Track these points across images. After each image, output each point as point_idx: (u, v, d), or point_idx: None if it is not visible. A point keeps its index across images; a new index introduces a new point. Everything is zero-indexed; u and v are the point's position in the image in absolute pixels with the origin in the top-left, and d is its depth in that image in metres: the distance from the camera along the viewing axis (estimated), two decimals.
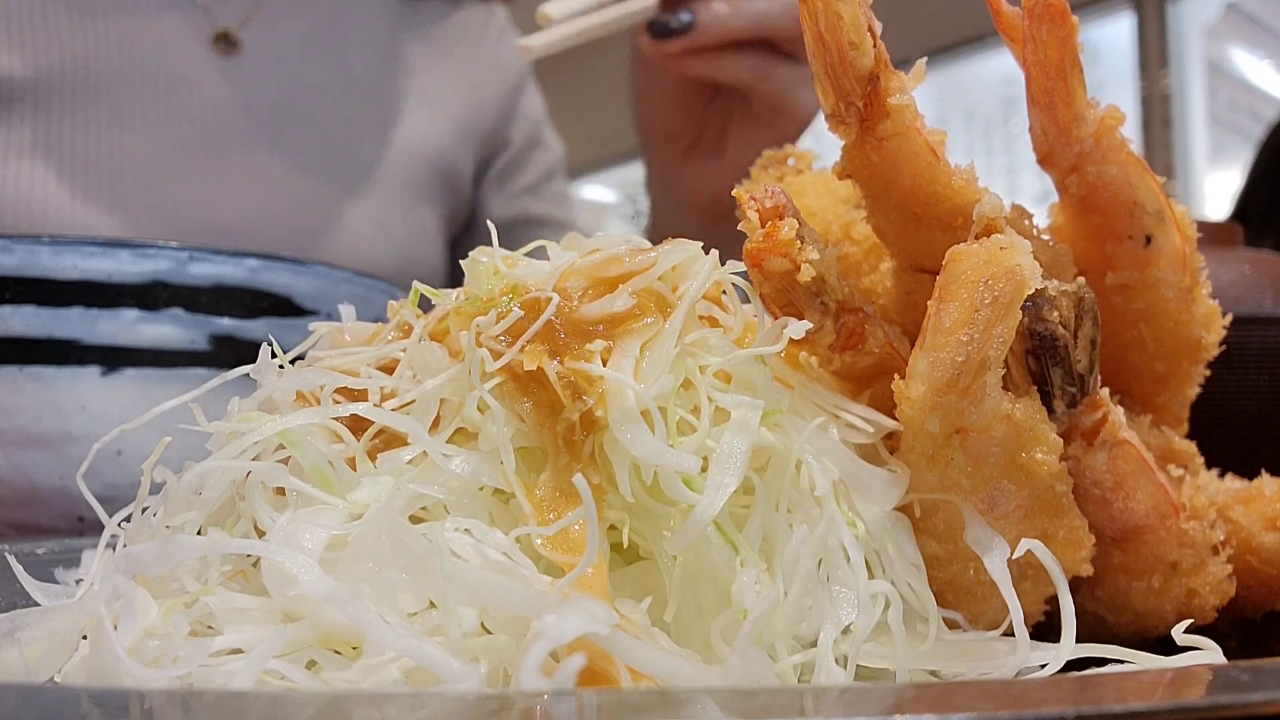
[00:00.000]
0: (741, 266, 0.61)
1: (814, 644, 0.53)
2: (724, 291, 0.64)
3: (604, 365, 0.56)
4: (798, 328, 0.58)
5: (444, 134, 1.80)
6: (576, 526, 0.51)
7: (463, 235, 1.93)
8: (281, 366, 0.62)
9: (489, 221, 0.70)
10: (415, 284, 0.65)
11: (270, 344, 0.63)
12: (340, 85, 1.69)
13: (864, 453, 0.60)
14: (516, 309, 0.58)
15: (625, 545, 0.55)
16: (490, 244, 0.65)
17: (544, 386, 0.56)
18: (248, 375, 0.63)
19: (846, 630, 0.54)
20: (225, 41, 1.58)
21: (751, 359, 0.58)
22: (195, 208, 1.52)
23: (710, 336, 0.59)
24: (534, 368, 0.55)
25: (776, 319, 0.60)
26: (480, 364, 0.56)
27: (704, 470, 0.54)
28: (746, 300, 0.63)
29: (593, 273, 0.60)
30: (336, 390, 0.60)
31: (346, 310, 0.73)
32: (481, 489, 0.55)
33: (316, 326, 0.68)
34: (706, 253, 0.61)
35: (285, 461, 0.57)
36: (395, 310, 0.66)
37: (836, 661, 0.53)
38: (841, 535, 0.55)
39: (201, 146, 1.54)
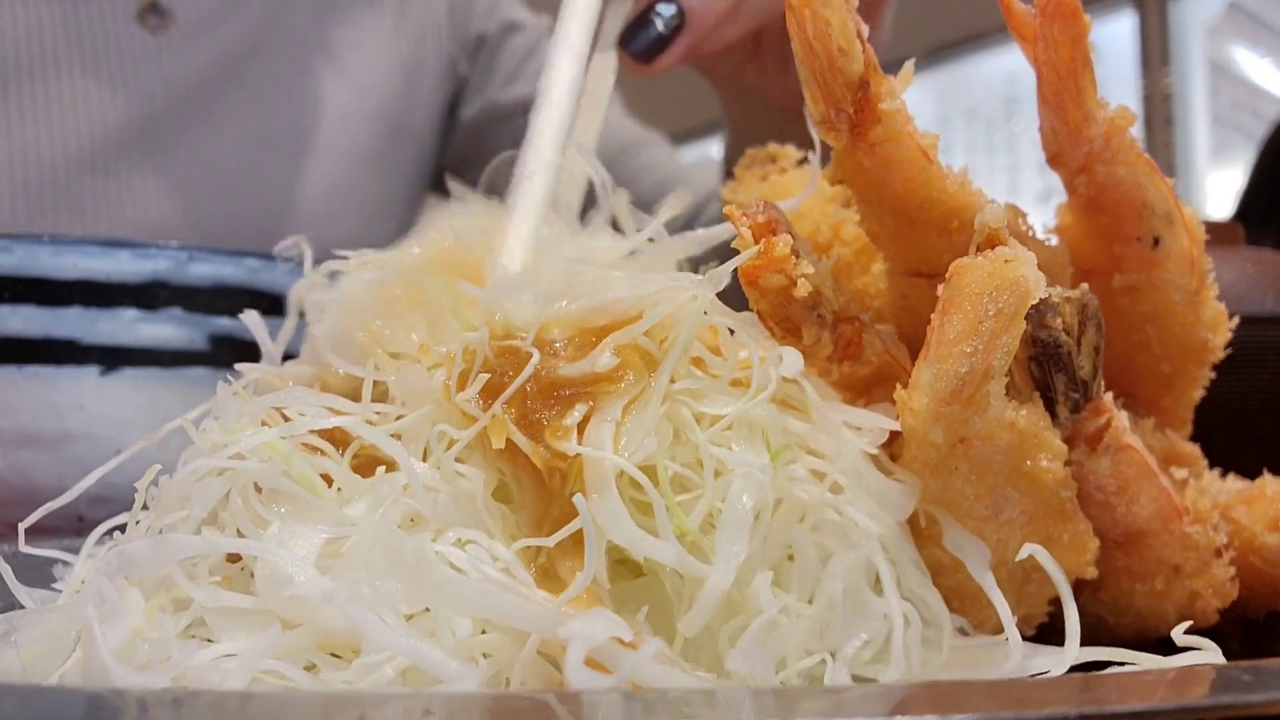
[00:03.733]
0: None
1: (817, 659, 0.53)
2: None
3: (582, 432, 0.52)
4: (792, 362, 0.56)
5: (390, 85, 1.68)
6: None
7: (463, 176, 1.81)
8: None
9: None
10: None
11: (229, 380, 0.61)
12: (272, 44, 1.56)
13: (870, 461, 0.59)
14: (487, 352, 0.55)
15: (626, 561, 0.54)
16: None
17: (518, 453, 0.53)
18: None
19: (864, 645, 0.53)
20: (154, 13, 1.45)
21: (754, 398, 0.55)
22: (127, 206, 1.42)
23: (706, 381, 0.56)
24: (501, 445, 0.53)
25: (773, 336, 0.60)
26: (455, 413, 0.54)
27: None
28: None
29: (576, 322, 0.58)
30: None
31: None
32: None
33: (245, 372, 0.64)
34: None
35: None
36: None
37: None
38: (879, 564, 0.54)
39: (132, 135, 1.43)
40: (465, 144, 1.82)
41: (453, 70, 1.79)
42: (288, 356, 0.70)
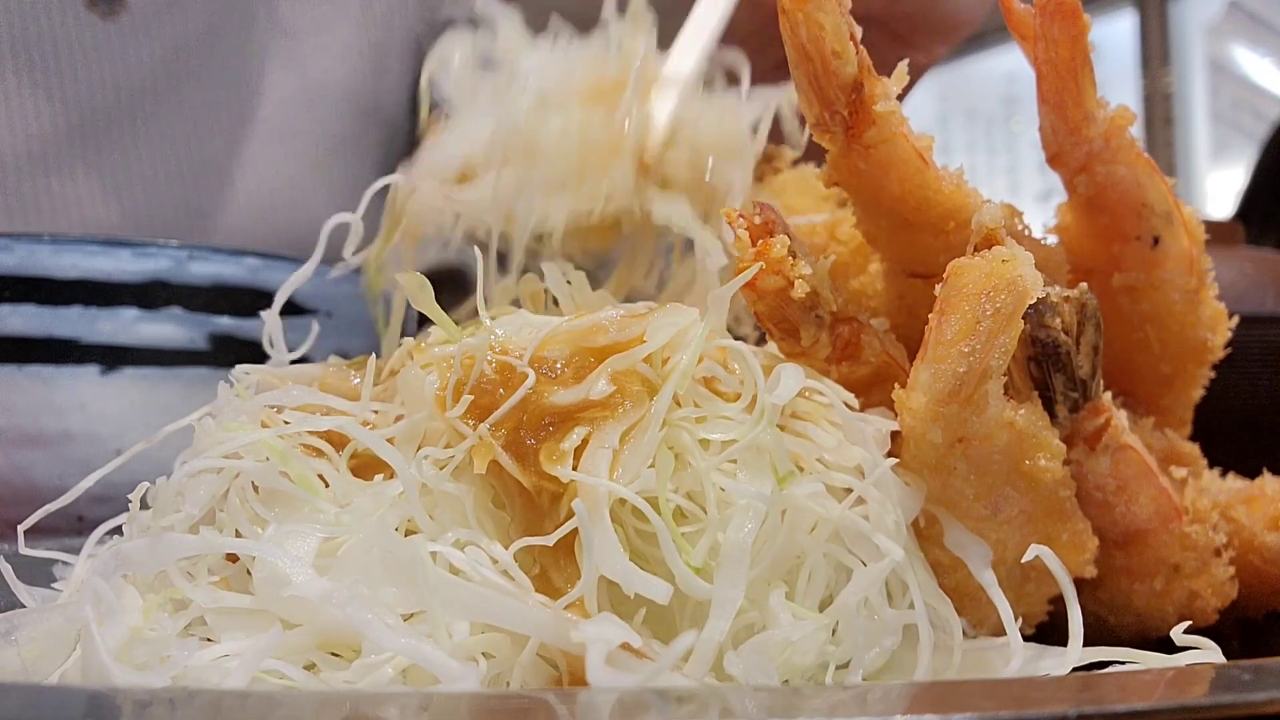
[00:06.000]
0: None
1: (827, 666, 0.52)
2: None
3: (578, 458, 0.51)
4: (794, 379, 0.55)
5: (356, 67, 1.62)
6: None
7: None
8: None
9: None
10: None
11: (231, 383, 0.61)
12: (230, 28, 1.49)
13: None
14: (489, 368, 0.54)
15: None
16: None
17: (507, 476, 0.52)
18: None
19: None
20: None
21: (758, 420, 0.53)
22: (85, 205, 1.35)
23: (709, 406, 0.55)
24: (483, 470, 0.52)
25: (771, 337, 0.60)
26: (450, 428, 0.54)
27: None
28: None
29: (575, 341, 0.56)
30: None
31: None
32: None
33: (246, 371, 0.64)
34: None
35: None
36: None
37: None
38: (906, 578, 0.54)
39: (84, 130, 1.36)
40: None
41: (420, 51, 1.73)
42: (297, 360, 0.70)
